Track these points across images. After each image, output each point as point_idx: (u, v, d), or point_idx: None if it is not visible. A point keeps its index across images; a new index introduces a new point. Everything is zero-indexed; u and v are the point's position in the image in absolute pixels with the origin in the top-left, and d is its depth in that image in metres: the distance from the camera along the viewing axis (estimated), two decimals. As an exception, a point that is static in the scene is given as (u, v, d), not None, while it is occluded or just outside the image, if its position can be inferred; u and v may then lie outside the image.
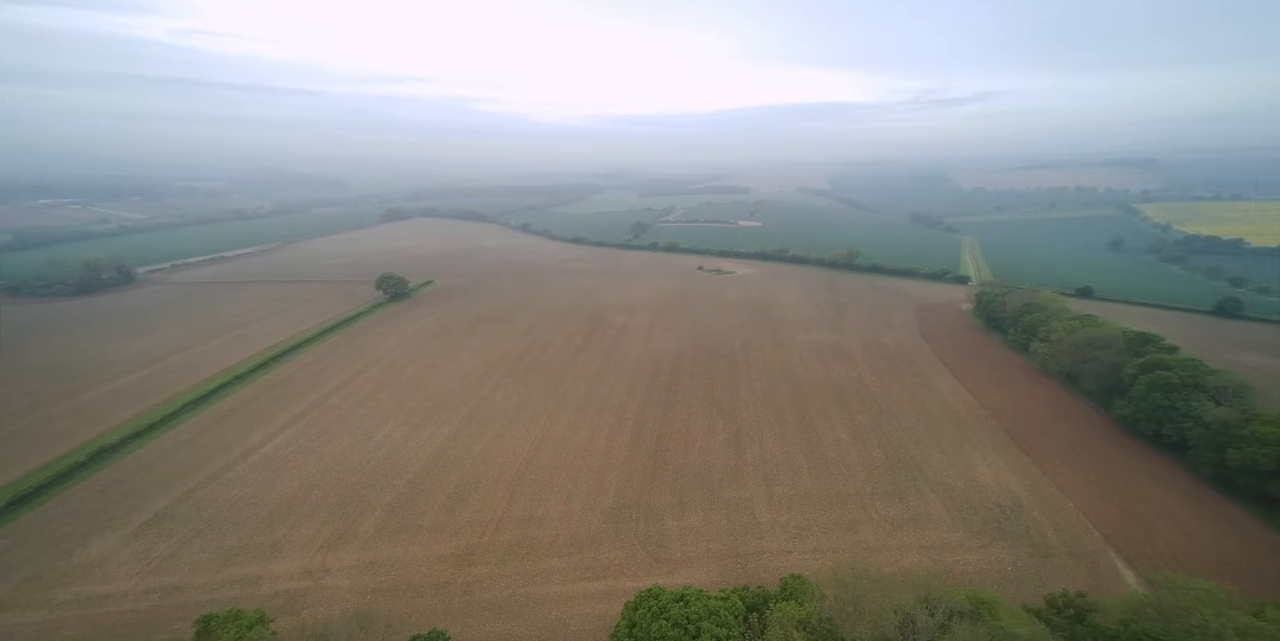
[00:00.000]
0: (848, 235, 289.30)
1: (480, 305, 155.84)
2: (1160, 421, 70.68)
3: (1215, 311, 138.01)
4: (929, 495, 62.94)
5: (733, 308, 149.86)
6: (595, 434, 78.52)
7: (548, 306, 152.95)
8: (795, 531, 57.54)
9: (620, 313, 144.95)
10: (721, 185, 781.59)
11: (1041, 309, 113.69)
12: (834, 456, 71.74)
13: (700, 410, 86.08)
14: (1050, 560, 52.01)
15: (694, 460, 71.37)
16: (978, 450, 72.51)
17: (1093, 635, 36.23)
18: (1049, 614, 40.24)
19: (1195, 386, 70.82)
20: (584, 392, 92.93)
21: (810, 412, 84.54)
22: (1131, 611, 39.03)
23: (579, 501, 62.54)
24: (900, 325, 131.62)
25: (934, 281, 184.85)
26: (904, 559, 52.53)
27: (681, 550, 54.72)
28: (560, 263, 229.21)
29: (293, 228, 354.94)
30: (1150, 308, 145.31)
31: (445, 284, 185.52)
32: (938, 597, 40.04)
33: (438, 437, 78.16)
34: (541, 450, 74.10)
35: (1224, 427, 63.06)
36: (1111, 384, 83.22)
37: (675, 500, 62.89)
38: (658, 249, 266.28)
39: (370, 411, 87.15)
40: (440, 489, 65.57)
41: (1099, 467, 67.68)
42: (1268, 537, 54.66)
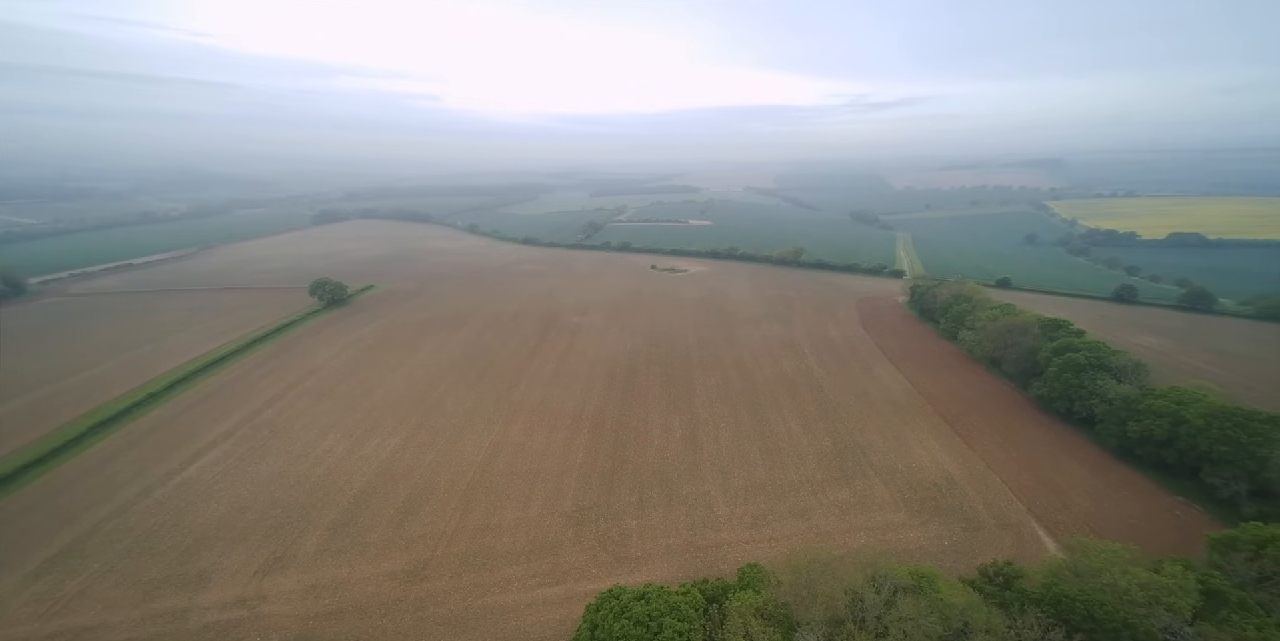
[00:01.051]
0: (793, 232, 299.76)
1: (428, 309, 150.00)
2: (1071, 400, 77.71)
3: (1114, 298, 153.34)
4: (873, 479, 66.26)
5: (686, 305, 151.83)
6: (552, 436, 77.41)
7: (500, 309, 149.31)
8: (752, 522, 59.03)
9: (575, 313, 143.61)
10: (672, 185, 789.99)
11: (967, 300, 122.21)
12: (786, 447, 74.14)
13: (657, 408, 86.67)
14: (981, 533, 56.05)
15: (652, 458, 71.77)
16: (916, 434, 77.04)
17: (1020, 600, 39.31)
18: (981, 583, 43.35)
19: (1100, 366, 78.31)
20: (540, 395, 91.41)
21: (763, 405, 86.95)
22: (1052, 575, 42.74)
23: (537, 506, 61.46)
24: (844, 318, 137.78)
25: (873, 276, 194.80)
26: (852, 541, 55.04)
27: (642, 548, 54.90)
28: (512, 264, 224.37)
29: (212, 231, 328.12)
30: (1060, 296, 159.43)
31: (388, 288, 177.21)
32: (883, 575, 42.30)
33: (384, 449, 74.55)
34: (497, 456, 72.23)
35: (1125, 403, 70.14)
36: (1030, 367, 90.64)
37: (635, 499, 63.01)
38: (611, 248, 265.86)
39: (308, 425, 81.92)
40: (388, 503, 62.59)
41: (1021, 444, 73.60)
42: (1163, 499, 61.26)
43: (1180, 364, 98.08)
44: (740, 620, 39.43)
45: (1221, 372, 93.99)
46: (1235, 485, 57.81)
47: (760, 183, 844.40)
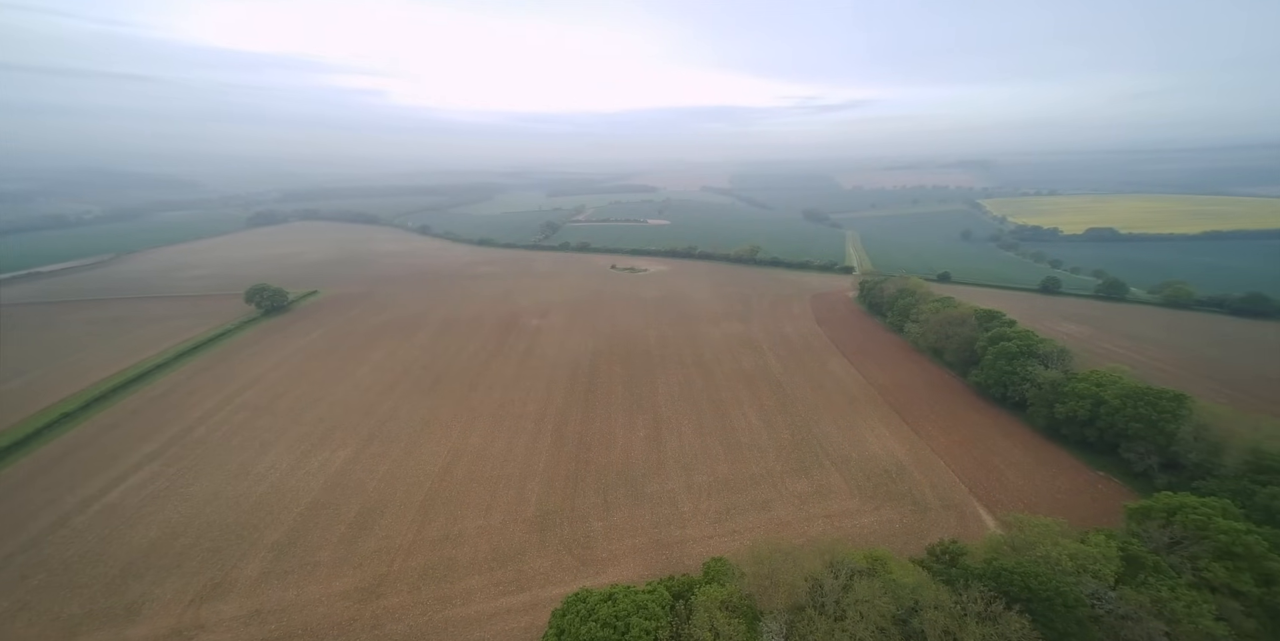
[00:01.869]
0: (749, 231, 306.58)
1: (378, 315, 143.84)
2: (1005, 385, 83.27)
3: (1040, 289, 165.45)
4: (830, 468, 68.70)
5: (647, 305, 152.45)
6: (514, 441, 75.91)
7: (456, 312, 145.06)
8: (715, 516, 59.93)
9: (534, 315, 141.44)
10: (630, 184, 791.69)
11: (911, 294, 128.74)
12: (747, 441, 75.72)
13: (620, 408, 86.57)
14: (929, 514, 59.18)
15: (617, 458, 71.63)
16: (867, 423, 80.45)
17: (964, 576, 41.74)
18: (930, 562, 45.76)
19: (1029, 354, 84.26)
20: (499, 400, 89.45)
21: (724, 402, 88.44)
22: (992, 550, 45.62)
23: (499, 513, 60.10)
24: (799, 314, 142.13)
25: (825, 272, 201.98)
26: (811, 529, 56.88)
27: (608, 549, 54.70)
28: (467, 266, 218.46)
29: (132, 236, 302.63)
30: (993, 288, 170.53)
31: (334, 293, 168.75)
32: (840, 561, 43.91)
33: (333, 463, 70.91)
34: (456, 464, 70.13)
35: (1052, 386, 75.79)
36: (968, 356, 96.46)
37: (600, 500, 62.70)
38: (569, 249, 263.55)
39: (247, 441, 76.85)
40: (339, 519, 59.58)
41: (962, 429, 78.22)
42: (1087, 474, 66.58)
43: (1099, 349, 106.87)
44: (706, 614, 39.96)
45: (1134, 356, 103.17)
46: (1148, 458, 63.59)
47: (716, 182, 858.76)
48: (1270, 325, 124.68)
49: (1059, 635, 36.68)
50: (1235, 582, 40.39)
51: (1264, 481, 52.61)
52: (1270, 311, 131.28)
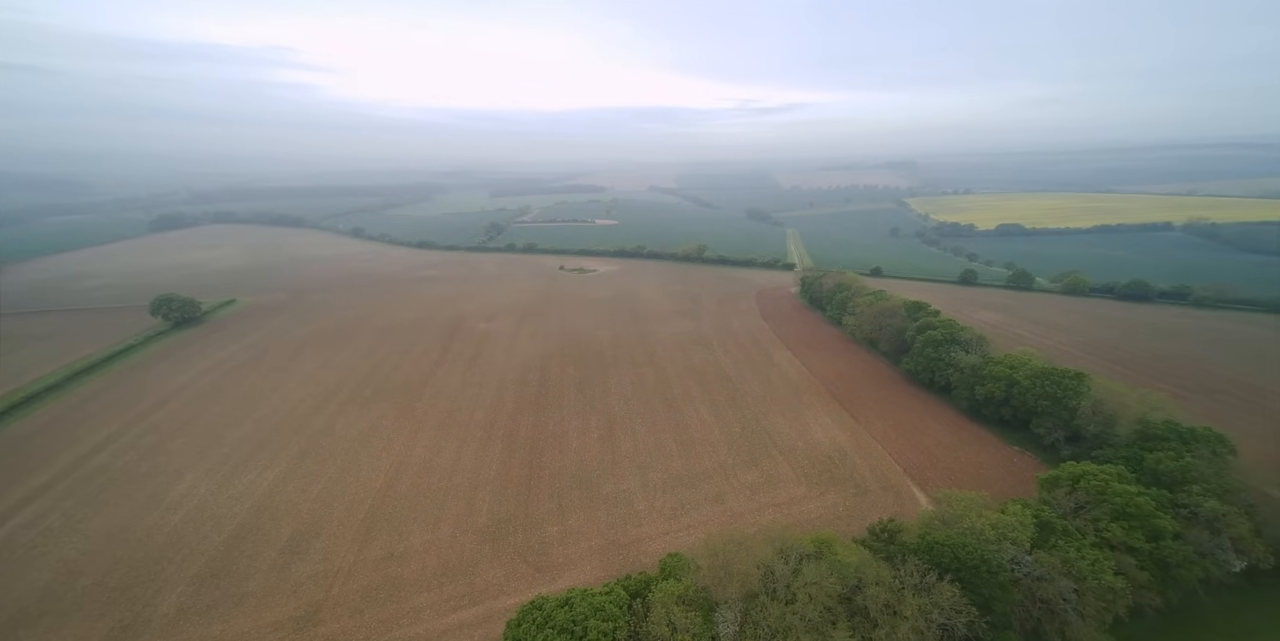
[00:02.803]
0: (696, 230, 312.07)
1: (308, 324, 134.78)
2: (933, 371, 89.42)
3: (960, 281, 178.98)
4: (778, 458, 71.15)
5: (597, 305, 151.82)
6: (462, 451, 73.36)
7: (395, 319, 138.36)
8: (671, 512, 60.58)
9: (481, 319, 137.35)
10: (577, 184, 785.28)
11: (848, 288, 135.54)
12: (700, 436, 77.05)
13: (573, 410, 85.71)
14: (869, 496, 62.61)
15: (571, 461, 70.87)
16: (811, 412, 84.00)
17: (902, 551, 44.51)
18: (871, 541, 48.41)
19: (953, 341, 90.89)
20: (446, 408, 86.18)
21: (676, 399, 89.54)
22: (925, 526, 48.84)
23: (448, 526, 57.89)
24: (745, 310, 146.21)
25: (768, 269, 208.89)
26: (762, 518, 58.69)
27: (564, 554, 54.01)
28: (406, 270, 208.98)
29: (13, 243, 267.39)
30: (920, 281, 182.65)
31: (255, 302, 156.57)
32: (790, 546, 45.58)
33: (260, 485, 65.78)
34: (399, 478, 66.88)
35: (972, 370, 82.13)
36: (900, 345, 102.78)
37: (555, 505, 61.79)
38: (516, 250, 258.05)
39: (159, 467, 69.88)
40: (269, 544, 55.36)
41: (895, 413, 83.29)
42: (1005, 450, 72.65)
43: (1011, 334, 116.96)
44: (663, 610, 40.32)
45: (1041, 339, 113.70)
46: (1055, 432, 70.26)
47: (663, 182, 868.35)
48: (1151, 308, 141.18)
49: (985, 599, 39.83)
50: (1130, 539, 45.40)
51: (1150, 448, 59.37)
52: (1151, 296, 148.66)
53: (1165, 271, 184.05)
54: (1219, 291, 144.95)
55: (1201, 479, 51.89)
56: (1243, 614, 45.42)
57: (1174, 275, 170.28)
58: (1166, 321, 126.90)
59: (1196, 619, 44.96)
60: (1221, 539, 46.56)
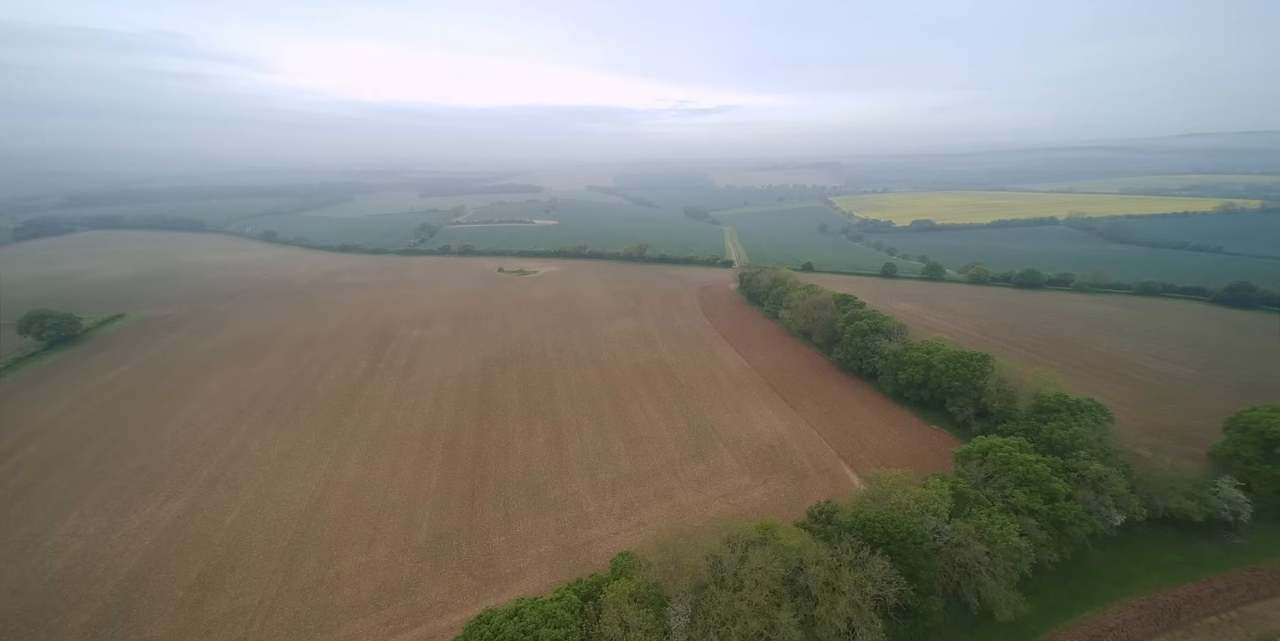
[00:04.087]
0: (636, 229, 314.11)
1: (212, 338, 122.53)
2: (860, 359, 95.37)
3: (881, 274, 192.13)
4: (723, 450, 73.12)
5: (539, 307, 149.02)
6: (398, 465, 69.53)
7: (316, 328, 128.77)
8: (620, 512, 60.62)
9: (415, 326, 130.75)
10: (513, 184, 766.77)
11: (783, 283, 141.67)
12: (647, 434, 77.62)
13: (518, 415, 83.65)
14: (808, 480, 65.83)
15: (516, 468, 69.13)
16: (753, 404, 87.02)
17: (838, 531, 47.17)
18: (810, 523, 50.91)
19: (877, 330, 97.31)
20: (378, 421, 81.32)
21: (623, 398, 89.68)
22: (858, 504, 52.01)
23: (385, 546, 54.68)
24: (688, 307, 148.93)
25: (708, 267, 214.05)
26: (710, 510, 60.08)
27: (512, 564, 52.61)
28: (328, 276, 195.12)
29: None
30: (847, 275, 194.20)
31: (148, 317, 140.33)
32: (736, 535, 46.99)
33: (162, 517, 59.11)
34: (328, 499, 62.35)
35: (894, 357, 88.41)
36: (831, 336, 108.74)
37: (500, 514, 60.03)
38: (451, 252, 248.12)
39: (35, 506, 61.02)
40: (174, 583, 49.87)
41: (829, 401, 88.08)
42: (925, 429, 78.74)
43: (926, 322, 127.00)
44: (615, 609, 40.32)
45: (952, 325, 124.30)
46: (966, 410, 77.12)
47: (602, 182, 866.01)
48: (1041, 294, 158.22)
49: (912, 569, 43.04)
50: (1031, 503, 50.62)
51: (1045, 419, 66.49)
52: (1041, 283, 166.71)
53: (1052, 261, 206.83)
54: (1095, 278, 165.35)
55: (1087, 445, 58.79)
56: (1123, 561, 52.04)
57: (1059, 264, 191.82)
58: (1054, 306, 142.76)
59: (1086, 569, 50.99)
60: (1104, 497, 53.01)
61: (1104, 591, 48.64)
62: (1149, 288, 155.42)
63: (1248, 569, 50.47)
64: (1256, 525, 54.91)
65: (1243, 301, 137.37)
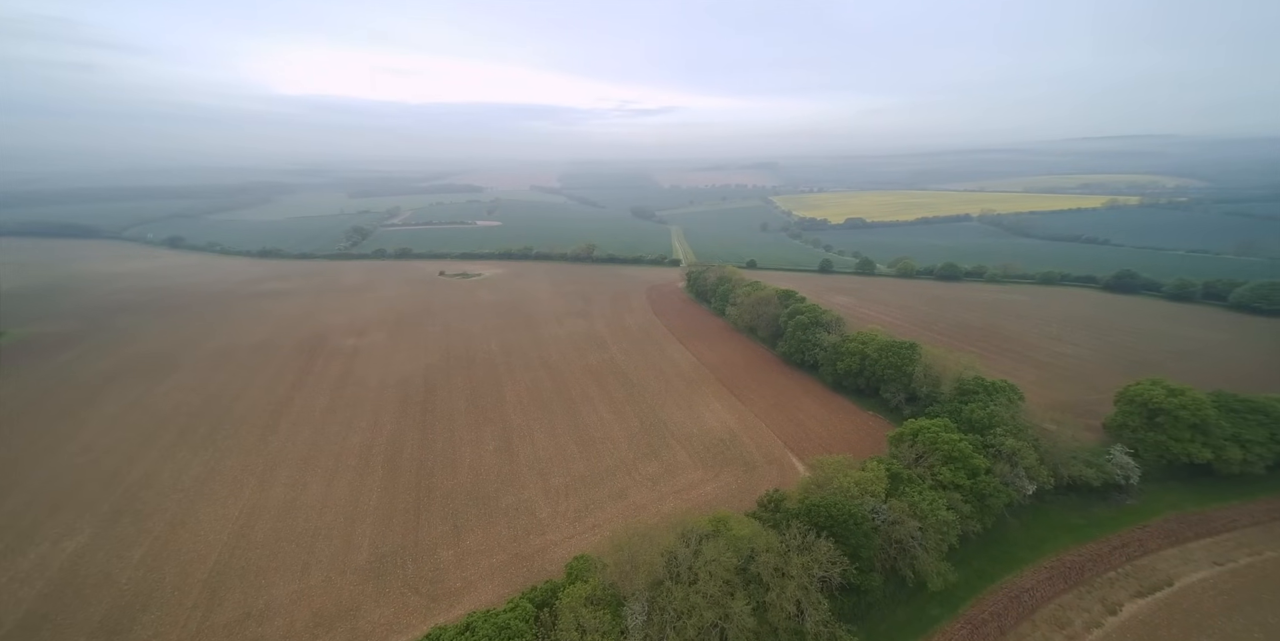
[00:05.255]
0: (583, 230, 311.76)
1: (111, 356, 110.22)
2: (803, 351, 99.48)
3: (819, 270, 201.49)
4: (676, 447, 74.00)
5: (485, 310, 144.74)
6: (333, 484, 65.30)
7: (235, 341, 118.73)
8: (575, 515, 59.96)
9: (349, 334, 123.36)
10: (452, 184, 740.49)
11: (728, 281, 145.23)
12: (600, 435, 77.21)
13: (465, 423, 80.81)
14: (757, 471, 67.89)
15: (465, 478, 66.75)
16: (703, 400, 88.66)
17: (786, 517, 48.89)
18: (760, 512, 52.51)
19: (817, 323, 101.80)
20: (309, 438, 76.03)
21: (574, 400, 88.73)
22: (804, 491, 54.17)
23: (320, 570, 51.18)
24: (637, 307, 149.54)
25: (656, 266, 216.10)
26: (664, 506, 60.64)
27: (462, 577, 50.72)
28: (246, 283, 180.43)
29: None
30: (788, 271, 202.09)
31: (32, 334, 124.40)
32: (691, 529, 47.61)
33: (56, 558, 52.52)
34: (253, 525, 57.60)
35: (833, 348, 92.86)
36: (775, 330, 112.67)
37: (449, 527, 57.75)
38: (387, 256, 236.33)
39: (-113, 562, 52.33)
40: (74, 630, 44.48)
41: (775, 394, 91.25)
42: (863, 415, 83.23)
43: (861, 314, 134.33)
44: (571, 614, 39.82)
45: (883, 317, 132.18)
46: (898, 396, 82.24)
47: (546, 182, 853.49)
48: (960, 285, 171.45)
49: (854, 548, 45.31)
50: (956, 479, 54.65)
51: (966, 401, 71.98)
52: (959, 275, 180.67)
53: (968, 255, 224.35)
54: (1005, 269, 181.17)
55: (1002, 422, 64.16)
56: (1035, 527, 57.30)
57: (974, 258, 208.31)
58: (971, 296, 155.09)
59: (1004, 536, 55.74)
60: (1018, 469, 58.13)
61: (1020, 556, 53.36)
62: (1049, 277, 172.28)
63: (1138, 526, 56.96)
64: (1144, 486, 62.08)
65: (1126, 287, 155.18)
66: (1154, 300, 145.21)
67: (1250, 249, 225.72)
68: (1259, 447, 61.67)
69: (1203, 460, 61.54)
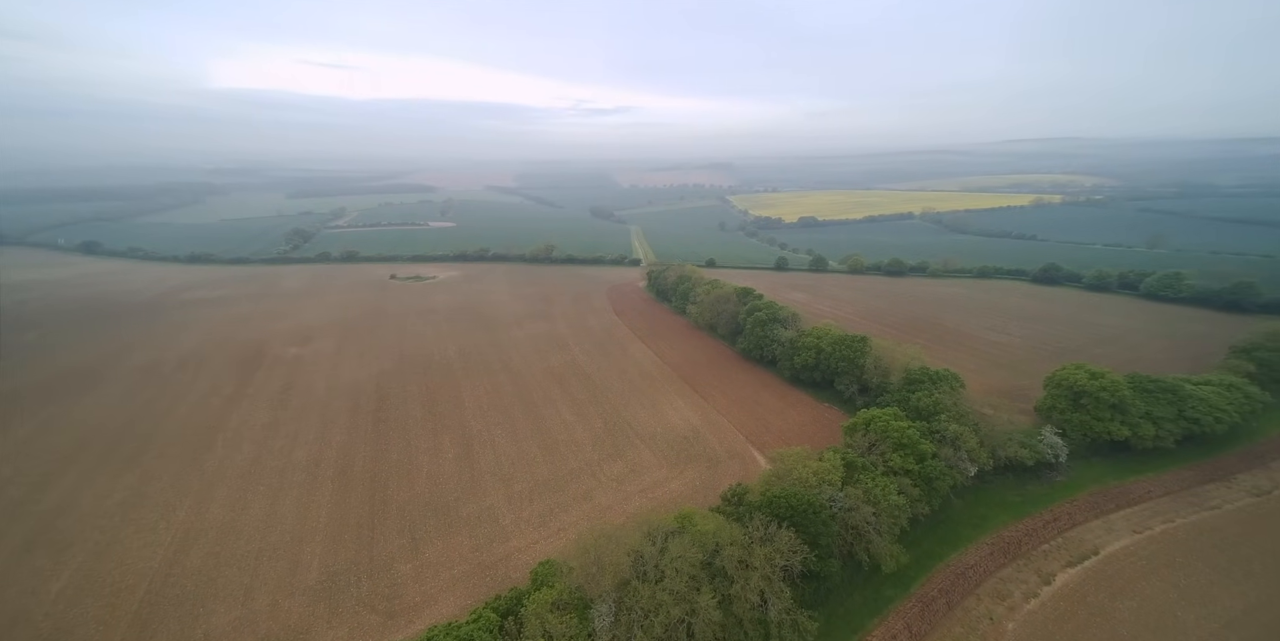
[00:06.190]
0: (541, 230, 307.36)
1: (15, 374, 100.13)
2: (762, 347, 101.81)
3: (775, 267, 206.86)
4: (640, 446, 74.09)
5: (440, 314, 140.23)
6: (278, 502, 61.57)
7: (163, 353, 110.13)
8: (539, 520, 59.00)
9: (291, 343, 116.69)
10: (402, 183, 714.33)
11: (689, 279, 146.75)
12: (563, 438, 76.30)
13: (422, 431, 77.99)
14: (720, 466, 68.93)
15: (422, 489, 64.42)
16: (666, 398, 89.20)
17: (749, 510, 49.88)
18: (724, 507, 53.35)
19: (775, 320, 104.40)
20: (250, 454, 71.39)
21: (536, 403, 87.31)
22: (765, 483, 55.40)
23: (265, 594, 48.12)
24: (599, 307, 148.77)
25: (617, 266, 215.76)
26: (630, 506, 60.60)
27: (422, 591, 48.93)
28: (174, 291, 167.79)
29: None
30: (745, 269, 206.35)
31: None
32: (656, 527, 47.79)
33: (-44, 604, 46.98)
34: (188, 550, 53.54)
35: (791, 344, 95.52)
36: (735, 328, 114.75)
37: (406, 540, 55.58)
38: (332, 260, 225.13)
39: None
40: (-21, 684, 39.93)
41: (735, 389, 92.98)
42: (819, 407, 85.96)
43: (815, 310, 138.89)
44: (537, 621, 39.17)
45: (836, 312, 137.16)
46: (851, 387, 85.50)
47: (501, 181, 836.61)
48: (905, 280, 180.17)
49: (813, 536, 46.75)
50: (905, 464, 57.33)
51: (913, 389, 75.59)
52: (905, 271, 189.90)
53: (912, 251, 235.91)
54: (945, 264, 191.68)
55: (946, 409, 67.88)
56: (977, 506, 60.91)
57: (917, 254, 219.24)
58: (915, 290, 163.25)
59: (950, 516, 58.97)
60: (961, 452, 61.65)
61: (965, 534, 56.60)
62: (984, 271, 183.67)
63: (1067, 501, 61.55)
64: (1071, 463, 67.13)
65: (1052, 279, 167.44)
66: (1076, 291, 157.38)
67: (1158, 242, 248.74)
68: (1169, 424, 67.94)
69: (1121, 437, 67.17)
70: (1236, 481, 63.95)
